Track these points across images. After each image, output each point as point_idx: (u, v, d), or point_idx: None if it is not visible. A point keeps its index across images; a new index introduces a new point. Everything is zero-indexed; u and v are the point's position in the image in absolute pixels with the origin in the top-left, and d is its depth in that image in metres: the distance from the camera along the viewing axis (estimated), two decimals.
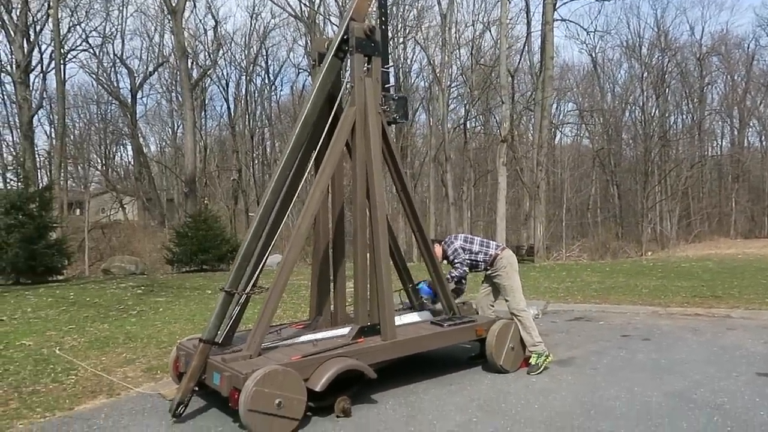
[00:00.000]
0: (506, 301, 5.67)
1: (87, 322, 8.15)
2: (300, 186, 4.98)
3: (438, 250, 5.76)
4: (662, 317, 8.33)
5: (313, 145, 5.04)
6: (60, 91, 24.65)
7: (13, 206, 14.42)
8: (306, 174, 5.09)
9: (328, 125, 5.01)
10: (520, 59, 32.50)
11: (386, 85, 5.25)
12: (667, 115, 37.26)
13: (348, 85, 5.16)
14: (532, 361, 5.46)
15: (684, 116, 40.60)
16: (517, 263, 5.83)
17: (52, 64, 26.51)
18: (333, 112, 5.05)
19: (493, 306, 5.95)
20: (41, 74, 30.52)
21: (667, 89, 36.76)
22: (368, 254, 5.07)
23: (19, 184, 15.48)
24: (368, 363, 4.51)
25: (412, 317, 5.66)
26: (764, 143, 41.88)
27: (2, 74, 28.03)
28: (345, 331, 4.97)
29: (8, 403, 4.74)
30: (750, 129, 41.79)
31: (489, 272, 5.82)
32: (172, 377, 4.90)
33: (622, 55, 40.44)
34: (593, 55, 39.83)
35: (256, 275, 4.65)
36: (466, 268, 5.76)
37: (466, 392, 4.90)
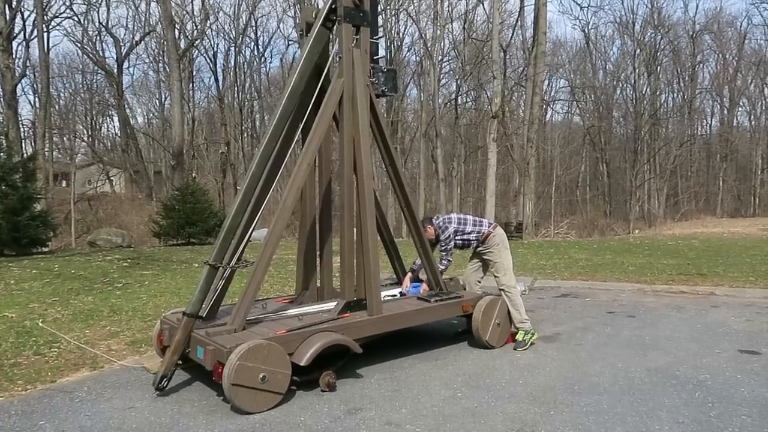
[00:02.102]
0: (496, 277, 5.68)
1: (71, 295, 8.07)
2: (286, 158, 4.91)
3: (430, 231, 5.70)
4: (647, 294, 8.40)
5: (300, 116, 4.95)
6: (44, 60, 24.10)
7: None
8: (293, 146, 5.01)
9: (315, 96, 4.92)
10: (513, 34, 32.24)
11: (375, 57, 5.15)
12: (658, 93, 37.24)
13: (336, 56, 5.05)
14: (519, 337, 5.49)
15: (675, 95, 40.70)
16: (507, 241, 5.83)
17: (35, 32, 25.89)
18: (320, 84, 4.95)
19: (480, 282, 5.94)
20: (24, 42, 29.86)
21: (658, 67, 36.68)
22: (355, 229, 5.02)
23: (2, 154, 15.14)
24: (354, 338, 4.49)
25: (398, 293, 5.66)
26: (753, 123, 42.08)
27: None
28: (331, 305, 4.95)
29: None
30: (739, 108, 41.97)
31: (480, 249, 5.80)
32: (156, 351, 4.88)
33: (615, 31, 40.30)
34: (586, 31, 39.77)
35: (241, 249, 4.60)
36: (451, 258, 5.76)
37: (452, 367, 4.91)
